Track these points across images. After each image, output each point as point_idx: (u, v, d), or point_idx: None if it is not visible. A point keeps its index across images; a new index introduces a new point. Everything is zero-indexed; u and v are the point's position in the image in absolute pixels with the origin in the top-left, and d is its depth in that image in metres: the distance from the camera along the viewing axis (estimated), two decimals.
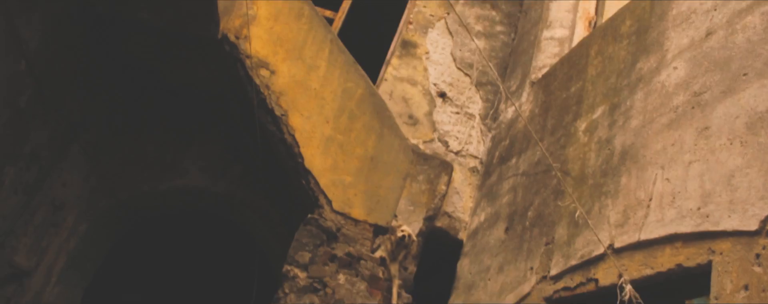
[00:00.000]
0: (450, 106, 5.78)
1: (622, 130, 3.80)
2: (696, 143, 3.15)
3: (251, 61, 4.31)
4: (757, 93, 2.93)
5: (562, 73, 4.97)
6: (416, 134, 5.50)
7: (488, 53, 6.23)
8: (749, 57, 3.09)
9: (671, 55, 3.70)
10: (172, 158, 5.61)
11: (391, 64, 5.84)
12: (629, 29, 4.32)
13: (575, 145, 4.24)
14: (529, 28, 6.21)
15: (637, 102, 3.80)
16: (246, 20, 4.34)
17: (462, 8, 6.44)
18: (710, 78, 3.29)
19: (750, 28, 3.18)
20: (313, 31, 4.52)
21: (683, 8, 3.82)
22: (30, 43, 4.23)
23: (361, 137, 4.36)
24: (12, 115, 4.45)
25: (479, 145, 5.69)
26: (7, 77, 4.18)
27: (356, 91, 4.45)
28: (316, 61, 4.45)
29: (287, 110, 4.27)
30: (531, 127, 5.03)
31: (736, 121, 2.97)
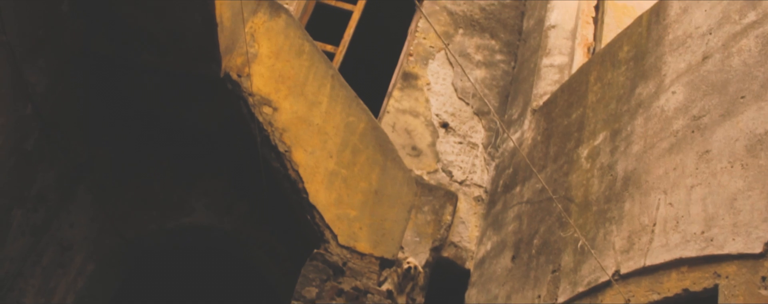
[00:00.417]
0: (453, 136, 5.82)
1: (624, 155, 3.82)
2: (697, 167, 3.17)
3: (254, 99, 4.36)
4: (755, 115, 2.96)
5: (563, 100, 5.01)
6: (420, 165, 5.53)
7: (489, 82, 6.28)
8: (746, 80, 3.12)
9: (669, 80, 3.74)
10: (178, 196, 5.64)
11: (392, 96, 5.89)
12: (627, 55, 4.36)
13: (578, 171, 4.25)
14: (528, 56, 6.26)
15: (638, 127, 3.83)
16: (248, 58, 4.40)
17: (461, 38, 6.51)
18: (708, 101, 3.31)
19: (745, 51, 3.22)
20: (314, 67, 4.57)
21: (679, 33, 3.86)
22: (36, 87, 4.29)
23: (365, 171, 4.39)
24: (19, 158, 4.50)
25: (483, 174, 5.70)
26: (14, 122, 4.23)
27: (358, 126, 4.49)
28: (318, 97, 4.50)
29: (290, 146, 4.30)
30: (535, 154, 5.06)
31: (735, 144, 2.99)
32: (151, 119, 5.35)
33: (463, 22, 6.64)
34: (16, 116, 4.25)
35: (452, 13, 6.67)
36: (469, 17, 6.69)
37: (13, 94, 4.11)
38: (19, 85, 4.09)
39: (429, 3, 6.69)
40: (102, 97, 5.11)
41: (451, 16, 6.65)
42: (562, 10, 6.16)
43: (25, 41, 3.98)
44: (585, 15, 6.20)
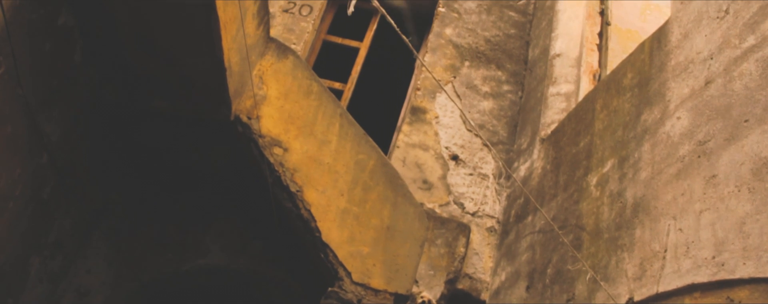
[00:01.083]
0: (463, 169, 5.85)
1: (633, 182, 3.84)
2: (705, 192, 3.19)
3: (264, 141, 4.42)
4: (759, 139, 2.98)
5: (570, 128, 5.05)
6: (432, 199, 5.56)
7: (497, 113, 6.33)
8: (748, 103, 3.15)
9: (674, 106, 3.77)
10: (193, 237, 5.69)
11: (402, 131, 5.95)
12: (631, 82, 4.40)
13: (588, 199, 4.27)
14: (535, 85, 6.32)
15: (645, 154, 3.86)
16: (257, 101, 4.47)
17: (468, 70, 6.58)
18: (713, 126, 3.34)
19: (746, 75, 3.25)
20: (322, 106, 4.64)
21: (681, 59, 3.90)
22: (51, 136, 4.38)
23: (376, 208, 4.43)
24: (36, 207, 4.58)
25: (495, 204, 5.73)
26: (31, 171, 4.31)
27: (368, 163, 4.55)
28: (327, 136, 4.56)
29: (302, 186, 4.36)
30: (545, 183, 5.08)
31: (741, 168, 3.01)
32: (164, 163, 5.43)
33: (469, 54, 6.72)
34: (33, 166, 4.33)
35: (458, 46, 6.75)
36: (475, 49, 6.77)
37: (29, 145, 4.19)
38: (34, 135, 4.18)
39: (434, 38, 6.78)
40: (116, 143, 5.19)
41: (457, 49, 6.73)
42: (566, 39, 6.22)
43: (40, 92, 4.07)
44: (589, 42, 6.26)
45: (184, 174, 5.55)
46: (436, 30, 6.84)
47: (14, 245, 4.49)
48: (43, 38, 3.92)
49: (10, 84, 3.76)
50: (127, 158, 5.41)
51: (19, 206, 4.36)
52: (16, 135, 4.02)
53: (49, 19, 3.91)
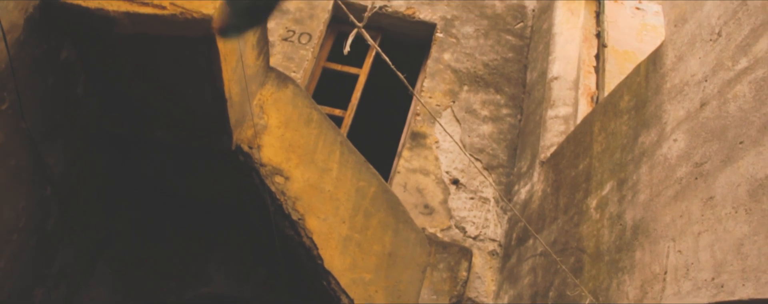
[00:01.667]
0: (464, 193, 5.88)
1: (632, 205, 3.87)
2: (703, 214, 3.21)
3: (265, 170, 4.46)
4: (754, 160, 3.01)
5: (569, 151, 5.08)
6: (433, 223, 5.59)
7: (497, 136, 6.37)
8: (743, 125, 3.18)
9: (670, 128, 3.81)
10: (196, 266, 5.71)
11: (402, 156, 5.99)
12: (628, 104, 4.44)
13: (588, 222, 4.30)
14: (533, 108, 6.36)
15: (643, 176, 3.89)
16: (258, 130, 4.52)
17: (467, 95, 6.63)
18: (709, 148, 3.38)
19: (740, 97, 3.29)
20: (322, 134, 4.69)
21: (676, 81, 3.95)
22: (55, 168, 4.42)
23: (378, 234, 4.46)
24: (40, 238, 4.61)
25: (496, 228, 5.75)
26: (35, 203, 4.35)
27: (369, 190, 4.58)
28: (328, 164, 4.60)
29: (304, 214, 4.39)
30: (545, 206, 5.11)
31: (738, 190, 3.04)
32: (167, 192, 5.46)
33: (468, 78, 6.78)
34: (37, 198, 4.37)
35: (456, 70, 6.81)
36: (473, 74, 6.83)
37: (33, 177, 4.24)
38: (38, 167, 4.22)
39: (432, 63, 6.85)
40: (118, 173, 5.23)
41: (456, 73, 6.79)
42: (564, 62, 6.28)
43: (43, 126, 4.12)
44: (586, 65, 6.32)
45: (187, 203, 5.58)
46: (434, 55, 6.91)
47: (18, 276, 4.51)
48: (46, 73, 3.97)
49: (14, 118, 3.81)
50: (131, 187, 5.45)
51: (23, 238, 4.40)
52: (20, 168, 4.06)
53: (52, 54, 3.97)
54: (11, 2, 3.50)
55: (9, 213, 4.12)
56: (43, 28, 3.83)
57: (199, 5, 3.55)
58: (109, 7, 3.64)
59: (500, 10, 7.49)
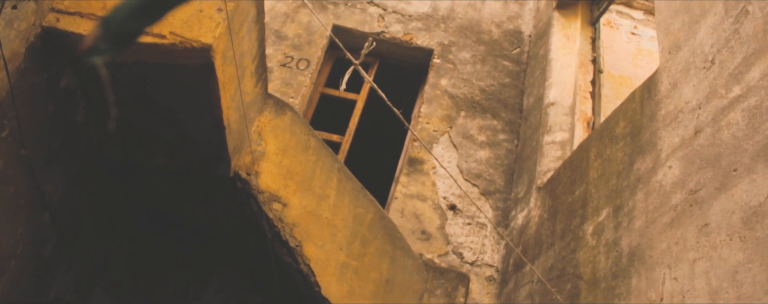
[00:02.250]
0: (461, 218, 5.90)
1: (628, 231, 3.89)
2: (698, 241, 3.23)
3: (263, 196, 4.48)
4: (748, 188, 3.04)
5: (566, 177, 5.11)
6: (430, 249, 5.60)
7: (494, 161, 6.40)
8: (736, 153, 3.21)
9: (665, 155, 3.84)
10: (193, 291, 5.70)
11: (400, 182, 6.01)
12: (623, 131, 4.48)
13: (585, 248, 4.31)
14: (530, 133, 6.40)
15: (639, 202, 3.91)
16: (255, 157, 4.55)
17: (464, 120, 6.67)
18: (703, 175, 3.40)
19: (733, 125, 3.32)
20: (320, 161, 4.71)
21: (671, 108, 3.98)
22: (53, 195, 4.43)
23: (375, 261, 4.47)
24: (37, 265, 4.61)
25: (493, 253, 5.76)
26: (32, 230, 4.36)
27: (366, 217, 4.60)
28: (325, 191, 4.62)
29: (301, 241, 4.40)
30: (542, 231, 5.12)
31: (732, 217, 3.07)
32: (164, 218, 5.48)
33: (465, 104, 6.82)
34: (35, 224, 4.38)
35: (453, 96, 6.86)
36: (470, 99, 6.88)
37: (32, 204, 4.25)
38: (36, 194, 4.24)
39: (430, 88, 6.89)
40: (116, 199, 5.25)
41: (453, 99, 6.83)
42: (560, 87, 6.33)
43: (43, 152, 4.14)
44: (582, 91, 6.37)
45: (185, 229, 5.59)
46: (431, 81, 6.96)
47: (16, 302, 4.50)
48: (46, 100, 4.01)
49: (14, 145, 3.83)
50: (129, 213, 5.46)
51: (20, 264, 4.40)
52: (19, 195, 4.08)
53: (52, 81, 4.00)
54: (13, 31, 3.54)
55: (7, 240, 4.13)
56: (44, 56, 3.87)
57: (199, 34, 3.59)
58: None
59: (497, 35, 7.56)
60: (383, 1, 7.60)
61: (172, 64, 3.72)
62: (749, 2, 3.46)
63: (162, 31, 3.65)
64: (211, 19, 3.65)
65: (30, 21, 3.72)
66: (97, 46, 1.50)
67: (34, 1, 3.71)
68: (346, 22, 7.36)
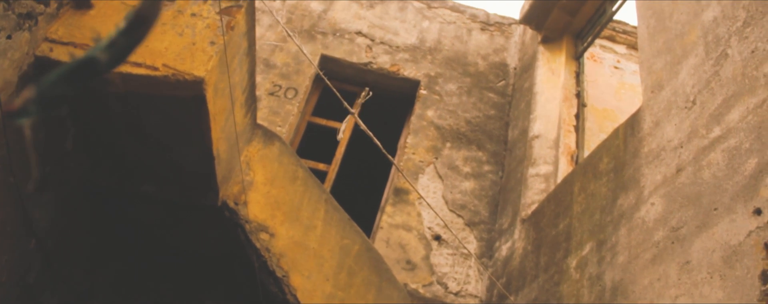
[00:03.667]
0: (446, 248, 5.94)
1: (611, 266, 3.95)
2: (679, 278, 3.30)
3: (251, 226, 4.51)
4: (728, 227, 3.11)
5: (550, 210, 5.17)
6: (415, 279, 5.63)
7: (478, 193, 6.46)
8: (717, 192, 3.29)
9: (648, 192, 3.92)
10: None
11: (385, 212, 6.06)
12: (607, 166, 4.56)
13: (568, 282, 4.37)
14: (515, 165, 6.48)
15: (622, 238, 3.98)
16: (244, 186, 4.58)
17: (449, 151, 6.74)
18: (685, 213, 3.48)
19: (714, 165, 3.41)
20: (308, 192, 4.75)
21: (653, 146, 4.07)
22: (40, 222, 4.43)
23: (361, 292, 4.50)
24: (22, 292, 4.59)
25: (478, 284, 5.80)
26: (18, 257, 4.35)
27: (353, 248, 4.63)
28: (312, 222, 4.65)
29: (288, 271, 4.43)
30: (526, 263, 5.17)
31: (713, 255, 3.14)
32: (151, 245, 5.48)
33: (450, 135, 6.90)
34: (20, 251, 4.37)
35: (439, 127, 6.94)
36: (456, 130, 6.95)
37: (18, 231, 4.25)
38: (24, 221, 4.24)
39: (416, 119, 6.97)
40: (103, 225, 5.24)
41: (439, 130, 6.91)
42: (545, 120, 6.42)
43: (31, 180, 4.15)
44: (566, 124, 6.46)
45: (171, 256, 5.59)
46: (417, 112, 7.04)
47: None
48: (37, 128, 4.03)
49: (3, 173, 3.84)
50: (115, 239, 5.46)
51: (4, 291, 4.38)
52: (6, 222, 4.08)
53: None
54: (6, 61, 3.58)
55: None
56: None
57: (191, 67, 3.64)
58: None
59: (483, 68, 7.67)
60: (371, 32, 7.70)
61: (164, 96, 3.76)
62: (728, 46, 3.57)
63: (155, 63, 3.70)
64: (203, 52, 3.71)
65: (24, 50, 3.76)
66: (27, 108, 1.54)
67: (28, 32, 3.75)
68: (334, 52, 7.44)
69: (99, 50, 1.56)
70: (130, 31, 1.55)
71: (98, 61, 1.56)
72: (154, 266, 5.74)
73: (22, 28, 3.74)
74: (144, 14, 1.56)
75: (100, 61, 1.56)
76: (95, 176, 4.70)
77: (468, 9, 8.28)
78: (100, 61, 1.56)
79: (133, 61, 3.72)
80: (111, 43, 1.55)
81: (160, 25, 3.98)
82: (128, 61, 3.76)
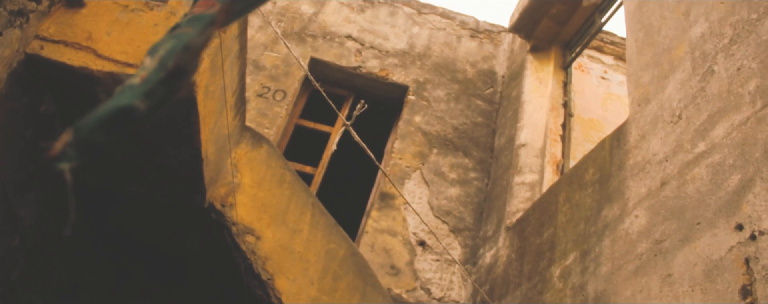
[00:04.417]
0: (430, 254, 5.97)
1: (594, 276, 3.99)
2: (661, 290, 3.34)
3: (237, 228, 4.52)
4: (710, 242, 3.16)
5: (535, 219, 5.21)
6: (399, 284, 5.65)
7: (464, 199, 6.50)
8: (700, 207, 3.34)
9: (632, 204, 3.96)
10: None
11: (371, 216, 6.08)
12: (592, 177, 4.60)
13: (551, 291, 4.40)
14: (501, 173, 6.52)
15: (606, 249, 4.02)
16: (231, 189, 4.59)
17: (436, 158, 6.77)
18: (668, 226, 3.52)
19: (698, 179, 3.45)
20: (295, 196, 4.77)
21: (639, 159, 4.11)
22: (25, 220, 4.42)
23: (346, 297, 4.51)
24: (4, 289, 4.57)
25: (461, 290, 5.83)
26: (2, 254, 4.33)
27: (339, 252, 4.65)
28: (299, 225, 4.67)
29: (273, 274, 4.44)
30: (510, 271, 5.21)
31: (694, 269, 3.18)
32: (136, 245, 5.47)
33: (437, 141, 6.93)
34: (4, 249, 4.35)
35: (426, 133, 6.97)
36: (443, 137, 6.99)
37: (3, 229, 4.23)
38: (8, 219, 4.22)
39: (404, 125, 7.00)
40: (88, 225, 5.23)
41: (426, 136, 6.94)
42: (531, 129, 6.47)
43: (17, 177, 4.14)
44: (553, 133, 6.51)
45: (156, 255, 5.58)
46: (405, 117, 7.07)
47: None
48: (25, 125, 4.02)
49: None
50: (100, 239, 5.44)
51: None
52: None
53: (31, 107, 4.02)
54: None
55: None
56: (26, 82, 3.89)
57: None
58: (93, 66, 3.72)
59: (471, 75, 7.71)
60: (361, 36, 7.72)
61: None
62: (715, 62, 3.62)
63: None
64: None
65: (14, 48, 3.75)
66: (66, 153, 1.52)
67: (19, 29, 3.75)
68: (323, 56, 7.46)
69: (138, 99, 1.53)
70: (168, 82, 1.53)
71: (136, 110, 1.53)
72: (138, 266, 5.73)
73: (13, 25, 3.73)
74: (183, 67, 1.55)
75: (139, 110, 1.53)
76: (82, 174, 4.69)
77: (458, 16, 8.32)
78: (138, 109, 1.53)
79: (124, 62, 3.72)
80: (149, 91, 1.53)
81: (152, 26, 3.99)
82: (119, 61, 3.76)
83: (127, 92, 1.56)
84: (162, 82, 1.51)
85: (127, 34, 3.88)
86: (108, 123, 1.53)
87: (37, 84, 3.99)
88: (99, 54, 3.80)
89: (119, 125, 1.54)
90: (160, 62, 1.56)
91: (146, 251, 5.60)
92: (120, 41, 3.84)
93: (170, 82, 1.52)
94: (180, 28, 1.92)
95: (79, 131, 1.51)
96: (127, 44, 3.84)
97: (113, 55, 3.80)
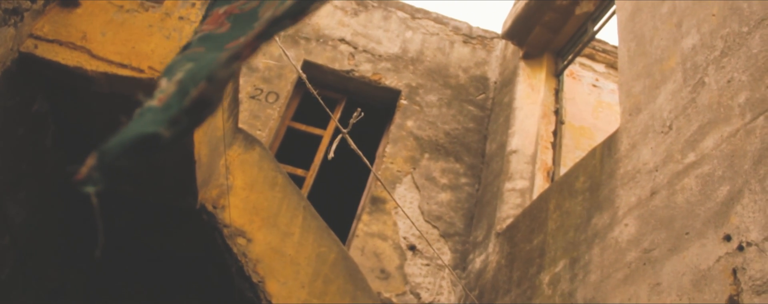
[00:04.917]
0: (420, 259, 5.99)
1: (583, 284, 4.01)
2: (650, 299, 3.37)
3: (228, 230, 4.52)
4: (698, 252, 3.19)
5: (525, 225, 5.24)
6: (388, 288, 5.67)
7: (454, 204, 6.52)
8: (689, 217, 3.37)
9: (622, 213, 3.99)
10: None
11: (361, 220, 6.09)
12: (583, 185, 4.63)
13: (541, 297, 4.43)
14: (491, 179, 6.54)
15: (595, 257, 4.05)
16: (223, 190, 4.59)
17: (427, 163, 6.79)
18: (657, 236, 3.55)
19: (687, 190, 3.48)
20: (286, 199, 4.77)
21: (629, 168, 4.15)
22: (15, 218, 4.40)
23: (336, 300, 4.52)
24: None
25: (450, 295, 5.85)
26: None
27: (329, 256, 4.66)
28: (290, 228, 4.68)
29: (264, 277, 4.44)
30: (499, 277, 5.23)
31: (683, 279, 3.21)
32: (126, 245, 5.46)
33: (429, 146, 6.95)
34: None
35: (418, 138, 6.99)
36: (435, 142, 7.01)
37: None
38: None
39: (396, 129, 7.01)
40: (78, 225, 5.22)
41: (417, 140, 6.96)
42: (523, 136, 6.50)
43: (8, 176, 4.13)
44: (544, 140, 6.54)
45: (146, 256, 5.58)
46: (397, 122, 7.09)
47: None
48: (17, 124, 4.01)
49: None
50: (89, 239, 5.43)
51: None
52: None
53: (24, 105, 4.01)
54: None
55: None
56: (19, 80, 3.88)
57: None
58: (88, 67, 3.72)
59: (464, 80, 7.73)
60: (355, 40, 7.74)
61: None
62: (706, 74, 3.66)
63: (141, 65, 3.71)
64: None
65: (8, 46, 3.74)
66: (92, 177, 1.52)
67: (13, 28, 3.74)
68: (316, 58, 7.47)
69: (163, 126, 1.53)
70: (193, 111, 1.53)
71: (161, 137, 1.53)
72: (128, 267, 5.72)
73: (8, 23, 3.73)
74: (208, 99, 1.55)
75: (164, 137, 1.54)
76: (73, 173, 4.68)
77: (451, 21, 8.35)
78: (163, 137, 1.54)
79: (118, 62, 3.73)
80: (174, 119, 1.53)
81: (147, 27, 3.99)
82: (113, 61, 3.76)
83: (148, 116, 1.57)
84: (187, 111, 1.52)
85: (121, 35, 3.88)
86: (132, 149, 1.53)
87: (30, 83, 3.99)
88: (93, 54, 3.81)
89: (143, 151, 1.55)
90: (180, 87, 1.56)
91: (136, 252, 5.59)
92: (114, 42, 3.84)
93: (195, 112, 1.53)
94: (191, 48, 1.92)
95: (104, 156, 1.51)
96: (122, 45, 3.84)
97: (108, 55, 3.80)
